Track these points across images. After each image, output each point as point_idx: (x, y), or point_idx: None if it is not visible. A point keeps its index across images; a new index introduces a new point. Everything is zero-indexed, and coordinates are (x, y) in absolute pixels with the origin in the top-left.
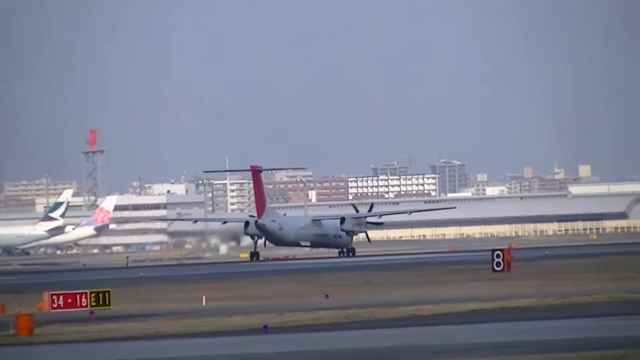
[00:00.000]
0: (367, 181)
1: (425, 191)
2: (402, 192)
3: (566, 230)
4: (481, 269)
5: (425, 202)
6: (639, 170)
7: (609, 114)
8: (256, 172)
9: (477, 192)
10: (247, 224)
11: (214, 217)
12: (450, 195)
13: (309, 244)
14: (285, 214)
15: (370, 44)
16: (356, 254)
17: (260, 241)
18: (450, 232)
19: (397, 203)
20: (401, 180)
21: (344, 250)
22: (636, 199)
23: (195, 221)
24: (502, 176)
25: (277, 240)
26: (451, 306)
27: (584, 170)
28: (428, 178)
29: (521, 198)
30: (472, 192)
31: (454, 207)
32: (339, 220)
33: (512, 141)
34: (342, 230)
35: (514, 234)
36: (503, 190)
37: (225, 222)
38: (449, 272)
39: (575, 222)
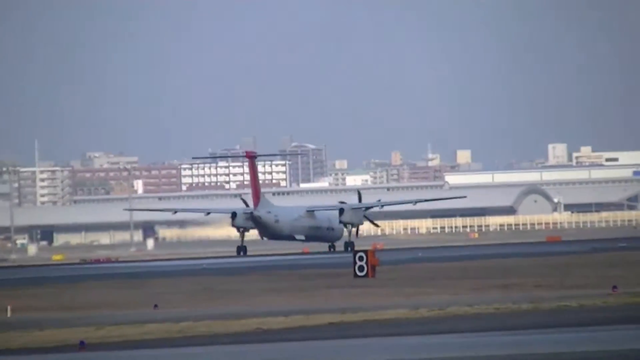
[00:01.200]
0: (204, 169)
1: (274, 180)
2: (245, 183)
3: (442, 227)
4: (341, 273)
5: (273, 193)
6: (529, 156)
7: (491, 91)
8: (251, 158)
9: (336, 181)
10: (234, 215)
11: (196, 208)
12: (303, 185)
13: (303, 237)
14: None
15: (210, 14)
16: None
17: (248, 234)
18: None
19: (239, 195)
20: (245, 167)
21: (334, 245)
22: (526, 190)
23: (175, 212)
24: (365, 163)
25: (271, 233)
26: (305, 318)
27: (463, 156)
28: (277, 165)
29: (388, 189)
30: (329, 182)
31: (465, 197)
32: (337, 211)
33: (377, 122)
34: (340, 222)
35: (379, 233)
36: (367, 180)
37: (208, 213)
38: (302, 277)
39: (453, 218)
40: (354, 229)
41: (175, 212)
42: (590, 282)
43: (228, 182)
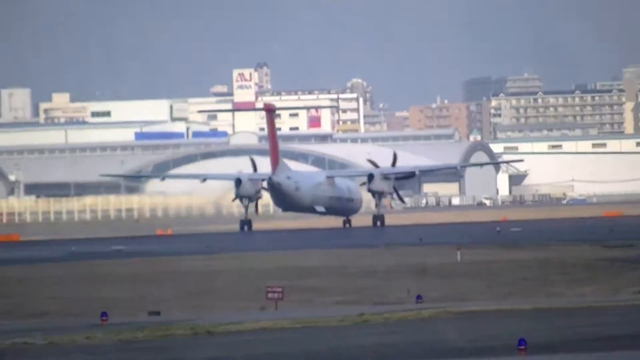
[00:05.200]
0: None
1: None
2: None
3: None
4: None
5: None
6: None
7: None
8: (270, 112)
9: None
10: (238, 182)
11: (192, 174)
12: None
13: (323, 209)
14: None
15: None
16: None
17: (253, 204)
18: None
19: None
20: None
21: (349, 220)
22: None
23: (163, 178)
24: None
25: (289, 203)
26: None
27: None
28: None
29: None
30: None
31: (522, 160)
32: (367, 176)
33: None
34: (369, 191)
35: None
36: None
37: (204, 180)
38: None
39: None
40: (384, 200)
41: (164, 178)
42: (67, 308)
43: None
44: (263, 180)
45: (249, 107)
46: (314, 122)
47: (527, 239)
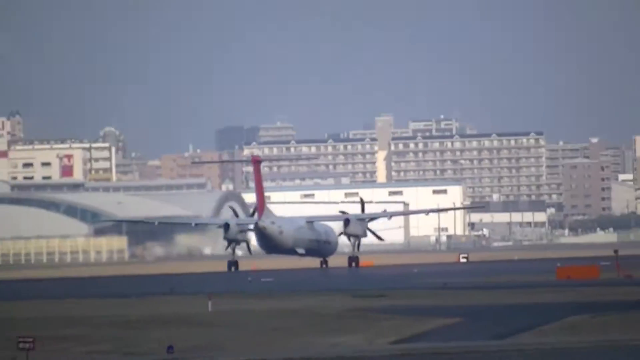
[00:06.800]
0: None
1: None
2: None
3: None
4: None
5: None
6: None
7: None
8: (257, 163)
9: None
10: (227, 226)
11: (184, 217)
12: None
13: (304, 251)
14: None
15: None
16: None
17: (240, 247)
18: None
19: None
20: None
21: (326, 261)
22: None
23: (158, 223)
24: None
25: (273, 246)
26: None
27: None
28: None
29: None
30: None
31: (482, 207)
32: (342, 222)
33: None
34: (345, 234)
35: None
36: None
37: (196, 225)
38: None
39: None
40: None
41: (158, 223)
42: None
43: None
44: (249, 225)
45: (1, 156)
46: (67, 171)
47: (278, 289)
